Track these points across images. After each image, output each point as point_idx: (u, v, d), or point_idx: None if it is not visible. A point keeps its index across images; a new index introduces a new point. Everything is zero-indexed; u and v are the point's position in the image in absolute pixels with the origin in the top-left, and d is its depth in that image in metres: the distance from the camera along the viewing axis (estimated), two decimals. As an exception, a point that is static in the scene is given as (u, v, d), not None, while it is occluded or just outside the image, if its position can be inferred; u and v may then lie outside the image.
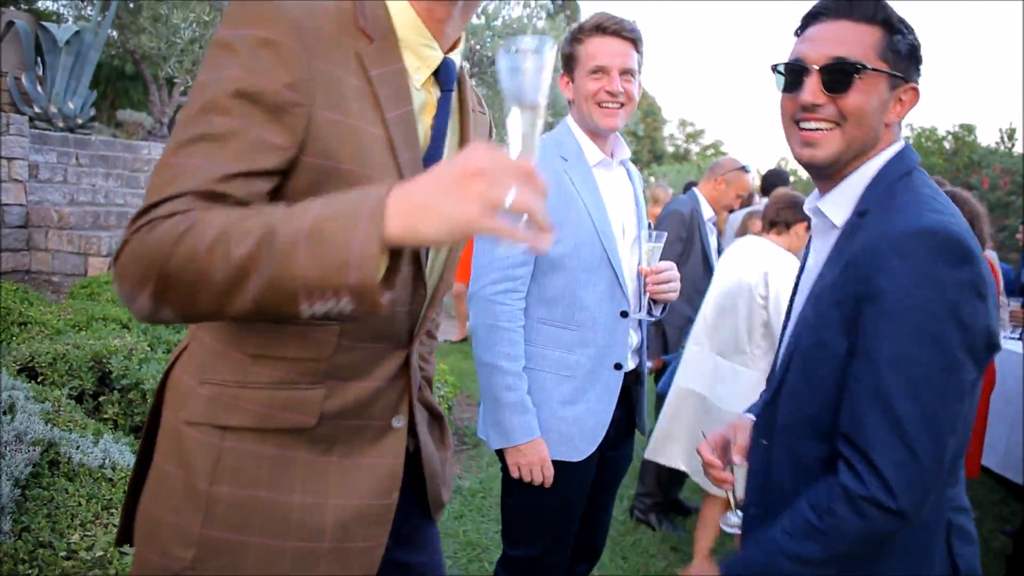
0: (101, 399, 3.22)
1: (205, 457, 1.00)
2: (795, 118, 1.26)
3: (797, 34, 1.31)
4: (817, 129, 1.23)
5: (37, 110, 8.70)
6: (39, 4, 11.50)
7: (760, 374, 3.03)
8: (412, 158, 1.04)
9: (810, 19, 1.28)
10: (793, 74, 1.25)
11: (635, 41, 2.02)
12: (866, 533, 1.13)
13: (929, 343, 1.08)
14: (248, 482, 1.00)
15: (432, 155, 1.10)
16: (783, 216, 3.15)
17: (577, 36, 2.05)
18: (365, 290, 0.82)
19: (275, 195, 0.96)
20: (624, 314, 2.05)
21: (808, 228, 3.22)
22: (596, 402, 2.03)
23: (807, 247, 1.45)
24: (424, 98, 1.10)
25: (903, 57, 1.23)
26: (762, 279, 2.99)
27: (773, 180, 5.18)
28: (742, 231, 3.83)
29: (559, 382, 2.01)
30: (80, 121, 8.95)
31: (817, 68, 1.22)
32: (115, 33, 10.06)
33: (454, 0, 1.05)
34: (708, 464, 1.45)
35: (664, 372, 3.65)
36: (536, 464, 1.97)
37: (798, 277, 1.45)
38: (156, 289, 0.86)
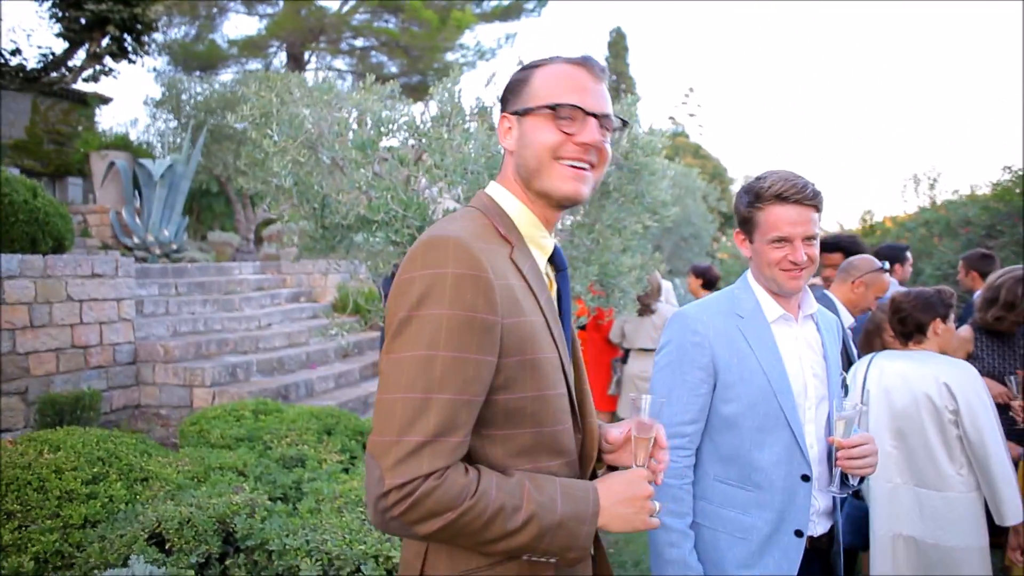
0: (227, 562, 3.19)
1: None
2: None
3: None
4: None
5: (136, 240, 9.25)
6: (133, 139, 12.40)
7: (972, 494, 2.62)
8: (559, 332, 1.31)
9: None
10: None
11: (816, 205, 1.91)
12: None
13: None
14: None
15: (564, 323, 1.37)
16: (912, 321, 2.78)
17: (755, 203, 1.95)
18: (577, 561, 1.24)
19: None
20: (805, 478, 1.90)
21: (947, 320, 2.75)
22: (774, 569, 1.88)
23: None
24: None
25: None
26: (945, 392, 2.62)
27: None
28: (867, 342, 3.25)
29: (733, 544, 1.91)
30: (175, 247, 9.44)
31: None
32: (202, 159, 10.68)
33: (560, 210, 1.37)
34: None
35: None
36: None
37: None
38: (438, 530, 1.11)
